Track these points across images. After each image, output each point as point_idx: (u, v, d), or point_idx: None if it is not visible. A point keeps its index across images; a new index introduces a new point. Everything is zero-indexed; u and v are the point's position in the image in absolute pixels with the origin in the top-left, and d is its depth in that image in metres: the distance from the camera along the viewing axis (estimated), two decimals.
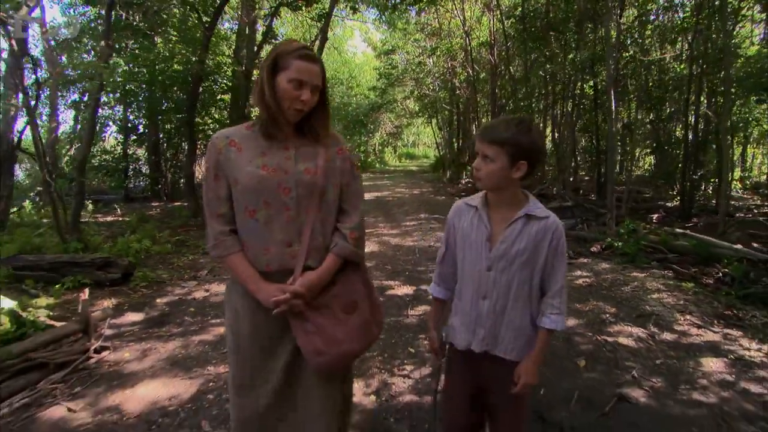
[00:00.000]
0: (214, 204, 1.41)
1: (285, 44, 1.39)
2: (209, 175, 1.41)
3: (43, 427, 2.37)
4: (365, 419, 2.37)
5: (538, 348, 1.42)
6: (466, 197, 1.52)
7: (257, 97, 1.37)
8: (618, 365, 2.90)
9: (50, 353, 2.93)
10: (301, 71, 1.33)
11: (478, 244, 1.42)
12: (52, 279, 4.71)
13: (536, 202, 1.43)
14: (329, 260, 1.42)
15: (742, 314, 3.69)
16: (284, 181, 1.37)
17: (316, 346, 1.35)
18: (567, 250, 4.89)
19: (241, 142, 1.40)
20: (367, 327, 1.47)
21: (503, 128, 1.33)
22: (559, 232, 1.39)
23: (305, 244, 1.38)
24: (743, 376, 2.72)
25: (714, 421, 2.28)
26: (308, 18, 10.98)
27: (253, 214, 1.37)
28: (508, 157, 1.31)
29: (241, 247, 1.40)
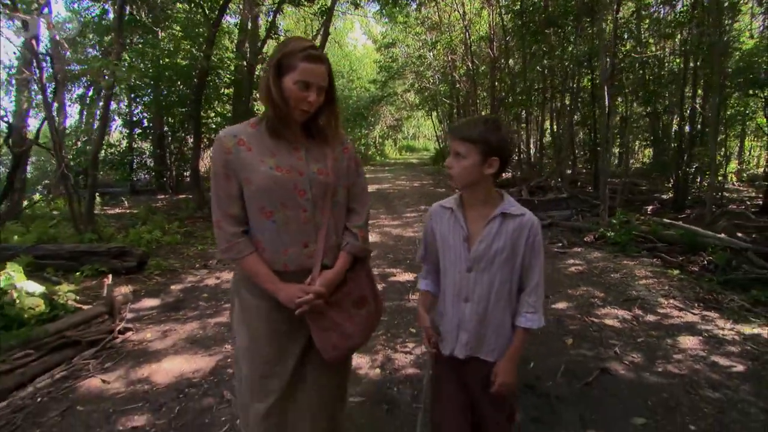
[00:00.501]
0: (225, 204, 1.39)
1: (291, 43, 1.36)
2: (219, 175, 1.38)
3: (81, 395, 2.63)
4: (371, 389, 2.63)
5: (514, 347, 1.42)
6: (442, 200, 1.53)
7: (264, 97, 1.36)
8: (603, 343, 3.16)
9: (81, 332, 3.19)
10: (307, 73, 1.32)
11: (456, 246, 1.42)
12: (71, 267, 4.96)
13: (511, 200, 1.43)
14: (342, 259, 1.44)
15: (721, 298, 3.94)
16: (299, 182, 1.37)
17: (332, 341, 1.39)
18: (561, 239, 5.14)
19: (250, 141, 1.38)
20: (373, 320, 1.52)
21: (474, 126, 1.36)
22: (535, 229, 1.40)
23: (321, 244, 1.39)
24: (715, 352, 2.98)
25: (683, 389, 2.54)
26: (310, 13, 11.13)
27: (270, 216, 1.37)
28: (479, 153, 1.33)
29: (255, 248, 1.40)
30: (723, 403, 2.40)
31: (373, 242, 6.25)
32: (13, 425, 2.33)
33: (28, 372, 2.76)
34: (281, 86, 1.33)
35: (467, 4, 14.01)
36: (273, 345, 1.42)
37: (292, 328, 1.42)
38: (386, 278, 4.63)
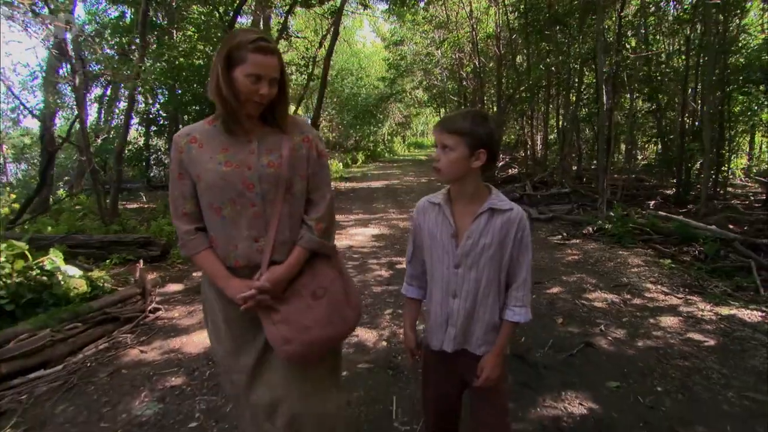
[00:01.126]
0: (180, 203, 1.40)
1: (239, 35, 1.33)
2: (173, 174, 1.40)
3: (124, 362, 3.00)
4: (378, 357, 2.96)
5: (500, 341, 1.42)
6: (430, 195, 1.52)
7: (214, 92, 1.34)
8: (590, 322, 3.46)
9: (119, 310, 3.57)
10: (258, 65, 1.30)
11: (444, 242, 1.41)
12: (100, 256, 5.35)
13: (499, 195, 1.42)
14: (295, 253, 1.41)
15: (706, 284, 4.22)
16: (248, 176, 1.35)
17: (283, 334, 1.35)
18: (561, 232, 5.47)
19: (203, 138, 1.38)
20: (339, 311, 1.44)
21: (461, 119, 1.35)
22: (523, 224, 1.39)
23: (271, 238, 1.37)
24: (691, 329, 3.27)
25: (657, 359, 2.84)
26: (319, 14, 11.44)
27: (219, 212, 1.37)
28: (467, 146, 1.32)
29: (209, 245, 1.41)
30: (690, 370, 2.70)
31: (381, 234, 6.59)
32: (71, 384, 2.71)
33: (78, 342, 3.14)
34: (231, 79, 1.31)
35: (474, 3, 14.24)
36: (231, 340, 1.44)
37: (249, 323, 1.41)
38: (393, 266, 4.96)
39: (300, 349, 1.35)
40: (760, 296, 3.89)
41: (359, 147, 24.39)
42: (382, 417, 2.32)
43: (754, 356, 2.86)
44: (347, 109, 23.45)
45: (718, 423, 2.21)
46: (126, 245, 5.47)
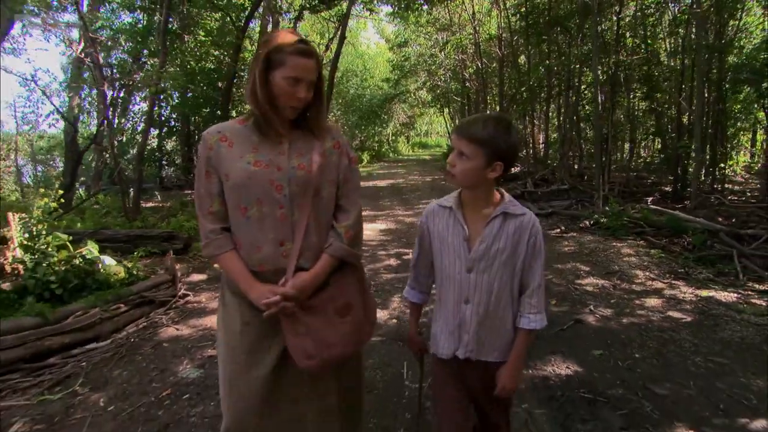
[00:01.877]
0: (206, 201, 1.37)
1: (279, 37, 1.32)
2: (200, 172, 1.37)
3: (163, 338, 3.38)
4: (389, 331, 3.33)
5: (517, 350, 1.39)
6: (440, 198, 1.50)
7: (250, 96, 1.33)
8: (581, 303, 3.81)
9: (153, 294, 3.95)
10: (297, 68, 1.29)
11: (456, 246, 1.39)
12: (127, 249, 5.74)
13: (512, 200, 1.40)
14: (323, 261, 1.37)
15: (691, 271, 4.55)
16: (277, 177, 1.33)
17: (306, 349, 1.32)
18: (560, 226, 5.86)
19: (233, 137, 1.36)
20: (360, 329, 1.43)
21: (482, 126, 1.29)
22: (536, 229, 1.36)
23: (298, 243, 1.34)
24: (671, 309, 3.62)
25: (637, 332, 3.19)
26: (325, 18, 11.82)
27: (245, 212, 1.34)
28: (485, 156, 1.28)
29: (234, 246, 1.37)
30: (666, 341, 3.05)
31: (388, 229, 6.96)
32: (121, 354, 3.09)
33: (121, 320, 3.52)
34: (269, 83, 1.30)
35: (476, 5, 14.58)
36: (244, 343, 1.37)
37: (267, 330, 1.36)
38: (400, 256, 5.33)
39: (321, 365, 1.32)
40: (739, 281, 4.23)
41: (364, 147, 24.76)
42: (395, 378, 2.68)
43: (725, 329, 3.21)
44: (352, 110, 23.83)
45: (684, 381, 2.56)
46: (151, 239, 5.86)
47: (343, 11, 10.60)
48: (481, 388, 1.44)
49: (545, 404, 2.38)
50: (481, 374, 1.42)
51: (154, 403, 2.52)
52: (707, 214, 6.14)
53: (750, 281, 4.21)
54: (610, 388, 2.53)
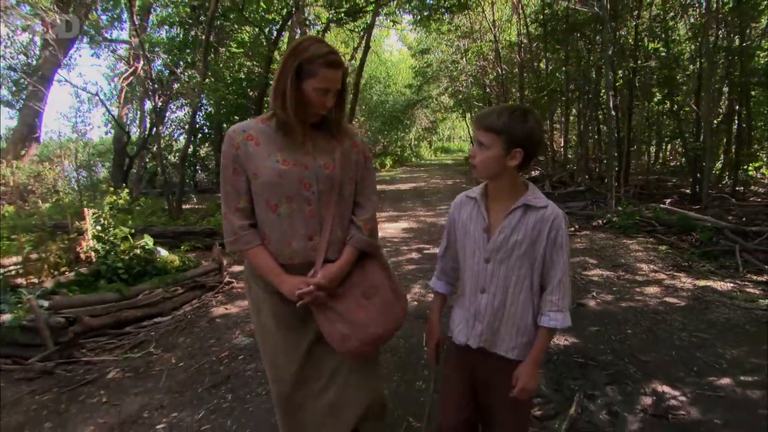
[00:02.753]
0: (233, 198, 1.42)
1: (311, 47, 1.35)
2: (227, 170, 1.42)
3: (215, 315, 3.92)
4: (411, 310, 3.76)
5: (536, 349, 1.37)
6: (468, 190, 1.51)
7: (278, 101, 1.37)
8: (585, 290, 4.18)
9: (203, 280, 4.52)
10: (328, 80, 1.35)
11: (476, 236, 1.40)
12: (173, 244, 6.35)
13: (536, 191, 1.39)
14: (347, 252, 1.46)
15: (694, 265, 4.85)
16: (305, 175, 1.39)
17: (341, 332, 1.39)
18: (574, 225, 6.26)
19: (259, 136, 1.41)
20: (390, 308, 1.48)
21: (498, 115, 1.30)
22: (558, 223, 1.34)
23: (325, 237, 1.41)
24: (668, 295, 3.96)
25: (633, 314, 3.56)
26: (350, 29, 12.41)
27: (275, 209, 1.40)
28: (502, 144, 1.29)
29: (261, 241, 1.42)
30: (657, 320, 3.42)
31: (410, 227, 7.43)
32: (182, 327, 3.65)
33: (178, 301, 4.09)
34: (300, 90, 1.35)
35: (497, 13, 14.96)
36: (280, 337, 1.47)
37: (298, 320, 1.45)
38: (422, 251, 5.80)
39: (358, 345, 1.39)
40: (738, 273, 4.52)
41: (387, 152, 25.29)
42: (415, 345, 3.15)
43: (714, 312, 3.55)
44: (375, 116, 24.42)
45: (667, 351, 2.94)
46: (194, 235, 6.49)
47: (367, 22, 11.15)
48: (493, 385, 1.43)
49: (543, 366, 2.79)
50: (496, 370, 1.41)
51: (215, 361, 3.05)
52: (717, 213, 6.39)
53: (749, 273, 4.49)
54: (600, 355, 2.92)
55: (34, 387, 2.75)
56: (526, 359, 1.37)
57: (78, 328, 3.12)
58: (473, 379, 1.47)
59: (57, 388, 2.74)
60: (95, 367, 3.00)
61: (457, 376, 1.50)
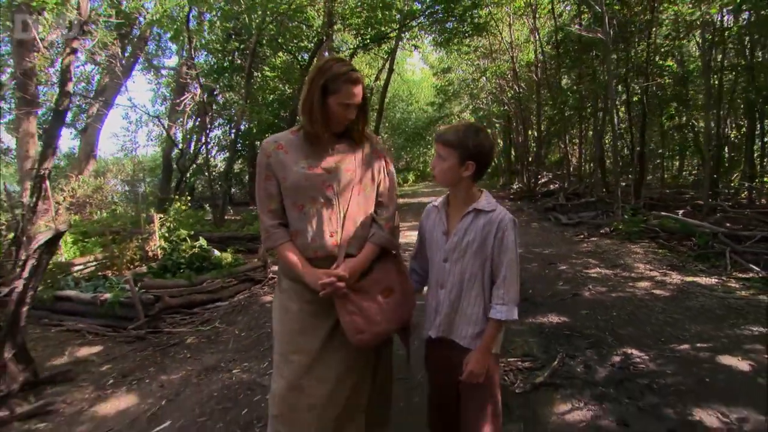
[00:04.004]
0: (265, 201, 1.59)
1: (334, 67, 1.52)
2: (260, 176, 1.59)
3: (264, 302, 4.66)
4: None
5: (485, 338, 1.52)
6: (435, 200, 1.69)
7: (306, 114, 1.54)
8: (583, 284, 4.76)
9: (252, 274, 5.29)
10: (350, 95, 1.51)
11: (437, 239, 1.59)
12: (221, 247, 7.18)
13: (488, 198, 1.57)
14: (368, 248, 1.60)
15: (688, 265, 5.36)
16: (327, 179, 1.55)
17: (357, 325, 1.51)
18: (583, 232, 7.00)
19: (288, 145, 1.58)
20: (401, 308, 1.61)
21: (454, 132, 1.49)
22: (504, 225, 1.50)
23: (346, 234, 1.56)
24: (656, 288, 4.51)
25: (620, 302, 4.13)
26: (374, 53, 13.32)
27: (302, 208, 1.55)
28: (458, 157, 1.47)
29: (290, 238, 1.58)
30: (640, 307, 3.98)
31: None
32: (238, 310, 4.40)
33: (233, 290, 4.86)
34: (326, 105, 1.52)
35: (516, 33, 15.66)
36: (300, 321, 1.58)
37: (320, 309, 1.57)
38: None
39: (370, 339, 1.52)
40: (725, 271, 5.01)
41: (410, 168, 26.08)
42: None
43: (692, 300, 4.09)
44: (398, 133, 25.31)
45: (644, 327, 3.51)
46: (238, 240, 7.32)
47: (391, 46, 12.03)
48: (447, 373, 1.59)
49: (536, 336, 3.42)
50: (449, 356, 1.57)
51: (270, 334, 3.77)
52: (717, 220, 6.84)
53: (735, 272, 4.98)
54: (585, 329, 3.53)
55: (134, 347, 3.54)
56: (477, 348, 1.52)
57: (161, 305, 3.91)
58: (445, 365, 1.62)
59: (151, 348, 3.52)
60: (176, 336, 3.77)
61: (433, 366, 1.69)
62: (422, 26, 13.39)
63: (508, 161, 19.68)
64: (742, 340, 3.20)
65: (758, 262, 5.08)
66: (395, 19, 10.45)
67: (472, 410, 1.57)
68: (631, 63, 10.80)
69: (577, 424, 2.33)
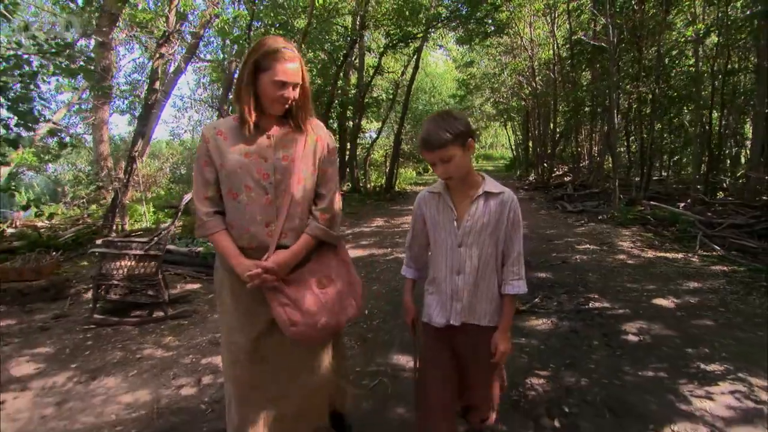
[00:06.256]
0: (202, 188, 1.55)
1: (267, 44, 1.47)
2: (199, 162, 1.56)
3: None
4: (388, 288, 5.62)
5: (505, 315, 1.59)
6: (429, 187, 1.68)
7: (236, 96, 1.52)
8: (572, 256, 5.85)
9: None
10: (284, 72, 1.46)
11: (447, 225, 1.58)
12: None
13: (492, 181, 1.60)
14: (301, 239, 1.56)
15: (664, 245, 6.39)
16: (263, 167, 1.52)
17: (290, 317, 1.48)
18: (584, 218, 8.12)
19: (227, 131, 1.54)
20: (342, 300, 1.59)
21: (439, 131, 1.46)
22: (514, 204, 1.56)
23: (280, 224, 1.52)
24: (632, 260, 5.57)
25: (598, 267, 5.22)
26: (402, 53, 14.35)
27: (236, 197, 1.52)
28: (459, 145, 1.47)
29: (225, 227, 1.55)
30: (612, 270, 5.08)
31: None
32: None
33: None
34: (257, 85, 1.48)
35: (536, 31, 16.50)
36: (237, 316, 1.58)
37: (256, 302, 1.54)
38: None
39: (306, 331, 1.49)
40: (693, 251, 6.03)
41: None
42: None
43: (656, 268, 5.16)
44: (420, 124, 26.19)
45: (609, 282, 4.61)
46: None
47: (416, 46, 13.08)
48: (470, 352, 1.61)
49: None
50: (473, 339, 1.59)
51: None
52: (701, 210, 7.79)
53: (701, 251, 6.00)
54: (562, 281, 4.65)
55: None
56: (500, 327, 1.59)
57: None
58: (455, 354, 1.64)
59: None
60: None
61: (438, 355, 1.65)
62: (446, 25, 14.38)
63: (526, 154, 20.59)
64: (679, 292, 4.29)
65: (723, 245, 6.09)
66: (422, 21, 11.49)
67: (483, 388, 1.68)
68: (642, 64, 11.62)
69: (543, 330, 3.48)
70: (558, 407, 2.37)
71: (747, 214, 6.98)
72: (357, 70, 14.27)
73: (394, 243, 6.90)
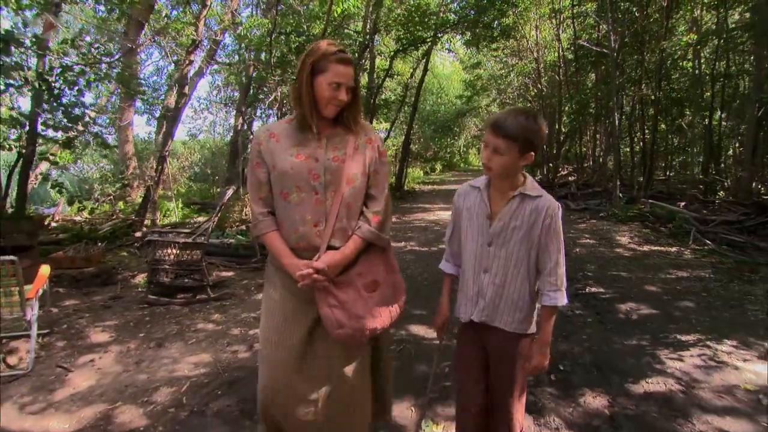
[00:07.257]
0: (255, 189, 1.60)
1: (323, 47, 1.51)
2: (252, 164, 1.60)
3: None
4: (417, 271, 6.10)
5: (543, 327, 1.52)
6: (472, 180, 1.65)
7: (294, 99, 1.55)
8: (572, 249, 6.30)
9: None
10: (339, 75, 1.49)
11: (479, 221, 1.55)
12: None
13: (533, 183, 1.53)
14: (352, 241, 1.56)
15: (660, 240, 6.82)
16: (314, 167, 1.53)
17: (337, 318, 1.49)
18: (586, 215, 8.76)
19: (280, 133, 1.58)
20: (387, 305, 1.60)
21: (514, 122, 1.39)
22: (551, 211, 1.47)
23: (330, 225, 1.52)
24: (628, 252, 6.02)
25: (595, 258, 5.67)
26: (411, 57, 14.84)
27: (287, 197, 1.54)
28: (518, 149, 1.39)
29: (277, 227, 1.57)
30: (608, 261, 5.53)
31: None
32: None
33: None
34: (313, 86, 1.51)
35: (542, 33, 16.90)
36: (283, 310, 1.58)
37: (302, 301, 1.56)
38: None
39: (351, 334, 1.51)
40: (686, 245, 6.46)
41: (437, 157, 27.51)
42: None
43: (649, 260, 5.61)
44: (427, 124, 26.71)
45: (605, 272, 5.06)
46: None
47: (425, 49, 13.55)
48: (494, 355, 1.60)
49: None
50: (496, 341, 1.58)
51: None
52: (697, 209, 8.21)
53: (693, 245, 6.43)
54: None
55: (254, 275, 5.30)
56: (539, 339, 1.53)
57: None
58: (485, 351, 1.62)
59: None
60: None
61: (470, 349, 1.64)
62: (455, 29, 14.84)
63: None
64: (668, 280, 4.75)
65: (714, 240, 6.52)
66: (431, 26, 11.96)
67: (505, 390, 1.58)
68: (645, 67, 12.01)
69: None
70: (554, 366, 2.84)
71: (738, 211, 7.40)
72: (368, 73, 14.76)
73: (406, 237, 7.38)
